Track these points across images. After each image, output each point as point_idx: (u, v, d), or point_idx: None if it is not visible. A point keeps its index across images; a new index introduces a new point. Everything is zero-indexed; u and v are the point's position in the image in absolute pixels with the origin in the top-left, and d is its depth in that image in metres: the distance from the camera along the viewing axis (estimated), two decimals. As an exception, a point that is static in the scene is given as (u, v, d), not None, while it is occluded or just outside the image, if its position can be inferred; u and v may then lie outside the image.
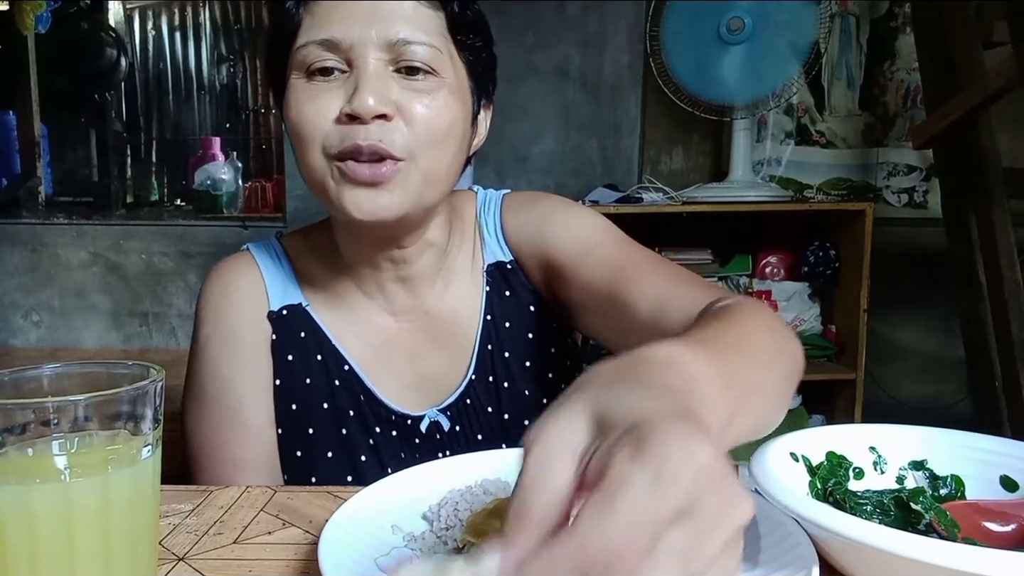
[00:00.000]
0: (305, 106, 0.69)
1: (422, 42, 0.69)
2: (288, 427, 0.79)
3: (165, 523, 0.58)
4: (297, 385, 0.80)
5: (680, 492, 0.30)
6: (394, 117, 0.68)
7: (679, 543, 0.29)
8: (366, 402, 0.80)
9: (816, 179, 2.44)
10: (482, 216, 0.87)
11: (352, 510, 0.53)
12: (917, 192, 2.43)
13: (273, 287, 0.82)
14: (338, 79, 0.69)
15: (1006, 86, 1.58)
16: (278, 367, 0.80)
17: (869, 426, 0.62)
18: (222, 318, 0.81)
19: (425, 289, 0.82)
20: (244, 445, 0.77)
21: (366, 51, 0.68)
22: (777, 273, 2.33)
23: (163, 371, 0.44)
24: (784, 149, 2.43)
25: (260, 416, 0.79)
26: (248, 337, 0.80)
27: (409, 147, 0.69)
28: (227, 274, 0.83)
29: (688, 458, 0.31)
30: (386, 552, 0.51)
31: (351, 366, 0.80)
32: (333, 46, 0.68)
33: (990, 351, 1.82)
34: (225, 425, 0.77)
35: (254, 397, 0.79)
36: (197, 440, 0.78)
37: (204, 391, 0.79)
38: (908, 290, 2.39)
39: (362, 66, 0.68)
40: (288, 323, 0.81)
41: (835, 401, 2.26)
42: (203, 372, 0.79)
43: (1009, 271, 1.74)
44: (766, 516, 0.51)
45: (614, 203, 2.14)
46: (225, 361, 0.79)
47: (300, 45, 0.69)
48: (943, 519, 0.53)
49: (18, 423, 0.40)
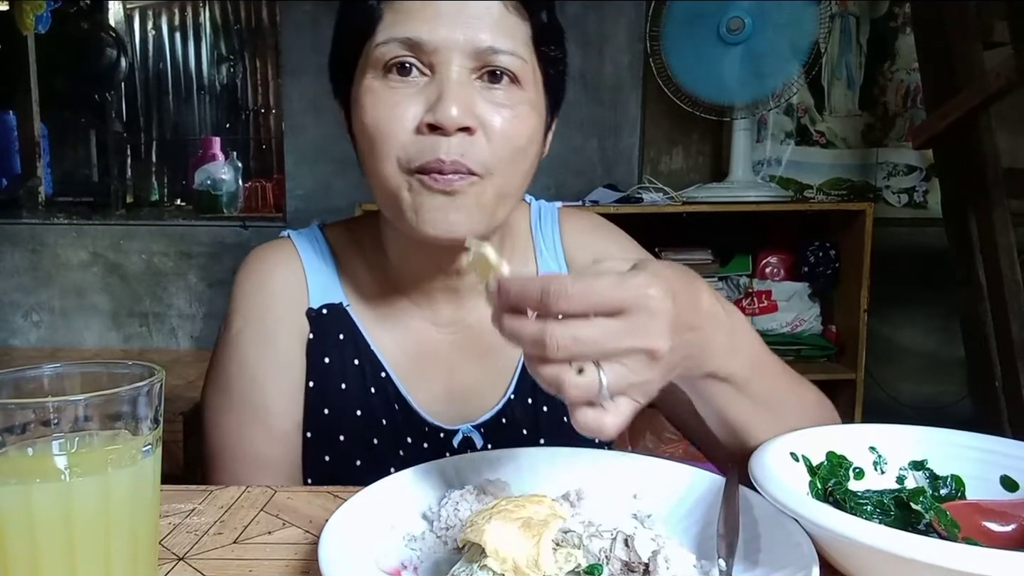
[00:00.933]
0: (381, 112, 0.66)
1: (508, 51, 0.66)
2: (318, 432, 0.77)
3: (165, 523, 0.58)
4: (332, 389, 0.77)
5: (622, 298, 0.46)
6: (476, 130, 0.65)
7: (597, 329, 0.45)
8: (400, 411, 0.77)
9: (816, 179, 2.44)
10: (537, 229, 0.85)
11: (352, 510, 0.53)
12: (917, 192, 2.43)
13: (315, 283, 0.79)
14: (417, 82, 0.66)
15: (1006, 86, 1.58)
16: (313, 368, 0.77)
17: (869, 426, 0.62)
18: (257, 312, 0.77)
19: (471, 301, 0.79)
20: (268, 444, 0.75)
21: (451, 56, 0.65)
22: (777, 273, 2.33)
23: (163, 371, 0.44)
24: (784, 149, 2.43)
25: (287, 419, 0.76)
26: (283, 335, 0.77)
27: (487, 163, 0.66)
28: (266, 264, 0.79)
29: (646, 285, 0.47)
30: (386, 552, 0.51)
31: (388, 373, 0.77)
32: (416, 46, 0.65)
33: (990, 351, 1.82)
34: (250, 424, 0.75)
35: (283, 399, 0.76)
36: (219, 435, 0.76)
37: (231, 386, 0.76)
38: (908, 290, 2.39)
39: (446, 72, 0.65)
40: (327, 323, 0.77)
41: (835, 401, 2.23)
42: (232, 366, 0.76)
43: (1009, 271, 1.74)
44: (766, 516, 0.51)
45: (614, 203, 2.14)
46: (256, 358, 0.76)
47: (380, 42, 0.66)
48: (943, 519, 0.53)
49: (18, 423, 0.40)
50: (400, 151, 0.65)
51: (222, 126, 3.83)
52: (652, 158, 2.44)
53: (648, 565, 0.47)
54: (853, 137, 2.43)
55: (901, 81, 2.39)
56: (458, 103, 0.64)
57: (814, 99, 2.41)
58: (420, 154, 0.65)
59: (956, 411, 2.28)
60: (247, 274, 0.79)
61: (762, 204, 2.12)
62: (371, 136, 0.66)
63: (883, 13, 2.39)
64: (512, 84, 0.67)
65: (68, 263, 2.52)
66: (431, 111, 0.64)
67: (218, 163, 3.00)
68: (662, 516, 0.57)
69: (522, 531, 0.44)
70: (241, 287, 0.79)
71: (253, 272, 0.79)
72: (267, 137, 3.71)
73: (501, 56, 0.66)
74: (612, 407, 0.47)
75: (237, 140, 3.66)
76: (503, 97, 0.67)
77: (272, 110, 3.66)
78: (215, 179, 2.85)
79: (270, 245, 0.81)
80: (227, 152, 3.18)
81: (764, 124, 2.40)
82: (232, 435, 0.75)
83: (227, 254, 2.48)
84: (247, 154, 3.60)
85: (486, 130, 0.66)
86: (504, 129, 0.66)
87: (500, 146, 0.66)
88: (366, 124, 0.67)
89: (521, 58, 0.67)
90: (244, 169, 3.15)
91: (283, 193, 2.47)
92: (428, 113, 0.64)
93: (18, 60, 2.87)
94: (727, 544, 0.48)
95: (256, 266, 0.79)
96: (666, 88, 2.16)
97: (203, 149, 3.17)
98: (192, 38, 3.81)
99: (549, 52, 0.71)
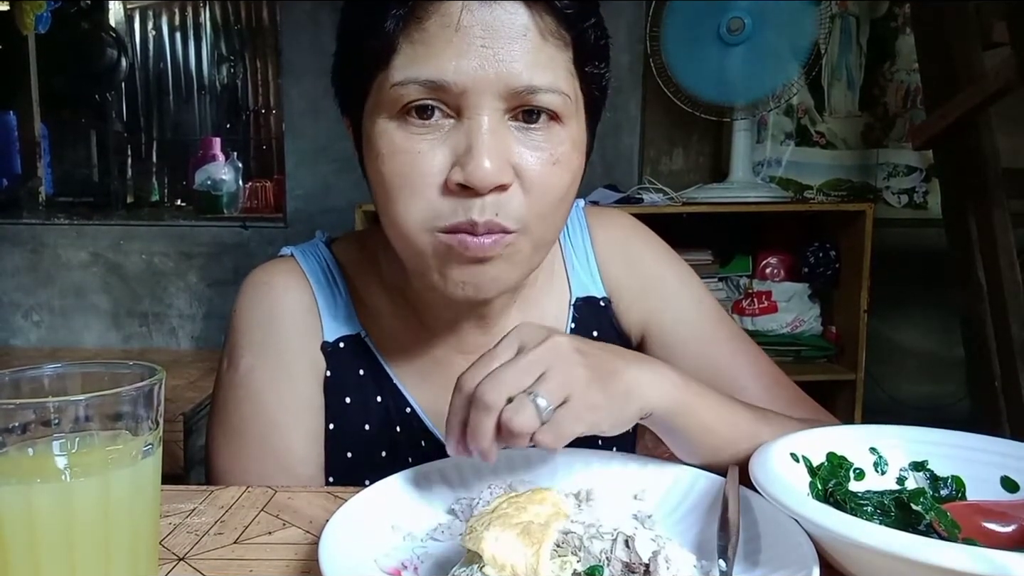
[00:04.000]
0: (402, 164, 0.57)
1: (548, 87, 0.57)
2: (341, 476, 0.71)
3: (165, 523, 0.58)
4: (354, 431, 0.71)
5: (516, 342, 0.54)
6: (511, 184, 0.58)
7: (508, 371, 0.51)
8: (426, 448, 0.71)
9: (816, 180, 2.44)
10: (566, 239, 0.79)
11: (352, 510, 0.53)
12: (917, 193, 2.43)
13: (327, 312, 0.71)
14: (441, 125, 0.57)
15: (1006, 86, 1.58)
16: (332, 409, 0.71)
17: (869, 426, 0.62)
18: (271, 347, 0.69)
19: (499, 325, 0.73)
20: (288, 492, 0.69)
21: (480, 99, 0.55)
22: (777, 274, 2.33)
23: (163, 371, 0.44)
24: (784, 150, 2.43)
25: (311, 464, 0.70)
26: (301, 372, 0.70)
27: (524, 218, 0.59)
28: (274, 290, 0.71)
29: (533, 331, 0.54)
30: (386, 552, 0.51)
31: (413, 409, 0.71)
32: (440, 89, 0.55)
33: (989, 351, 1.81)
34: (272, 472, 0.68)
35: (306, 443, 0.69)
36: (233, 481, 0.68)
37: (246, 430, 0.69)
38: (908, 290, 2.39)
39: (476, 118, 0.56)
40: (345, 358, 0.71)
41: (835, 401, 2.26)
42: (244, 407, 0.69)
43: (1009, 271, 1.74)
44: (766, 516, 0.51)
45: (614, 204, 2.14)
46: (273, 397, 0.69)
47: (397, 82, 0.56)
48: (943, 520, 0.53)
49: (18, 423, 0.40)
50: (426, 210, 0.58)
51: (222, 126, 3.82)
52: (652, 158, 2.44)
53: (648, 566, 0.47)
54: (853, 138, 2.43)
55: (901, 81, 2.39)
56: (491, 156, 0.55)
57: (814, 100, 2.41)
58: (450, 214, 0.57)
59: (956, 411, 2.28)
60: (251, 302, 0.71)
61: (762, 205, 2.12)
62: (390, 190, 0.59)
63: (883, 13, 2.38)
64: (552, 121, 0.59)
65: (68, 263, 2.51)
66: (460, 167, 0.56)
67: (218, 163, 3.00)
68: (662, 516, 0.57)
69: (521, 538, 0.43)
70: (246, 317, 0.71)
71: (259, 300, 0.71)
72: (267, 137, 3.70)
73: (540, 95, 0.57)
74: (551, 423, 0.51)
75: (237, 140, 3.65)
76: (541, 139, 0.59)
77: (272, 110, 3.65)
78: (215, 179, 2.85)
79: (272, 267, 0.73)
80: (227, 152, 3.18)
81: (764, 125, 2.40)
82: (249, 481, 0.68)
83: (227, 254, 2.48)
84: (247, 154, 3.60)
85: (523, 181, 0.58)
86: (543, 180, 0.58)
87: (538, 199, 0.59)
88: (384, 175, 0.58)
89: (564, 93, 0.58)
90: (244, 169, 3.15)
91: (283, 193, 2.47)
92: (456, 169, 0.56)
93: (18, 60, 2.87)
94: (727, 544, 0.48)
95: (262, 294, 0.71)
96: (666, 88, 2.16)
97: (203, 149, 3.17)
98: (192, 38, 3.81)
99: (594, 70, 0.62)
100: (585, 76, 0.61)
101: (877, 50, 2.39)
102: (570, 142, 0.60)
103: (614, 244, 0.80)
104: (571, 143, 0.61)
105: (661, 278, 0.81)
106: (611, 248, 0.80)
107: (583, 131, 0.63)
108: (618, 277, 0.80)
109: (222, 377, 0.71)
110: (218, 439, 0.71)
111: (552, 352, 0.52)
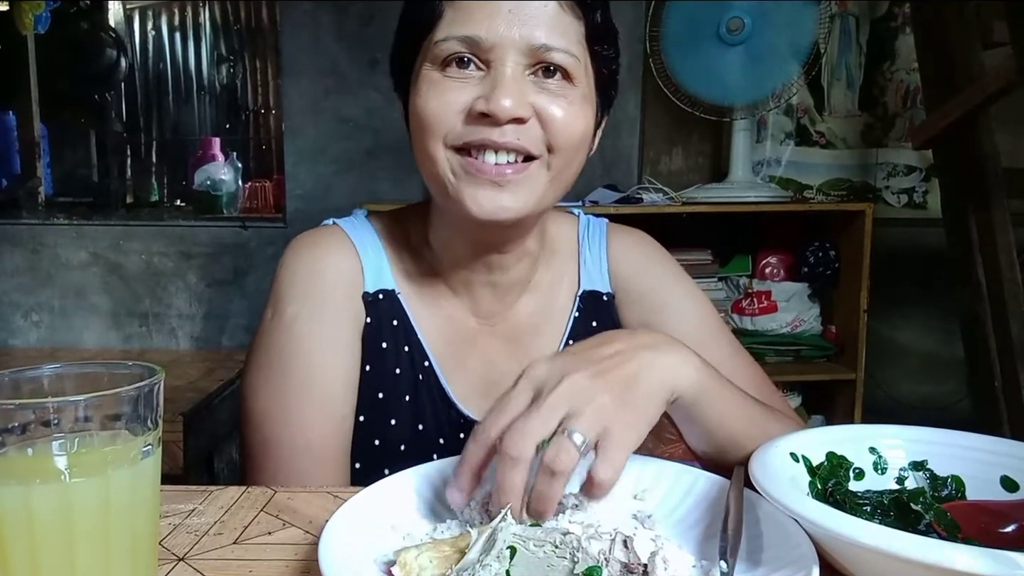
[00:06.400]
0: (434, 98, 0.68)
1: (562, 48, 0.68)
2: (371, 415, 0.77)
3: (165, 523, 0.58)
4: (387, 374, 0.78)
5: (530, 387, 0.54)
6: (529, 119, 0.68)
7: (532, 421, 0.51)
8: (440, 401, 0.79)
9: (816, 179, 2.44)
10: (585, 240, 0.88)
11: (352, 510, 0.53)
12: (917, 192, 2.43)
13: (369, 268, 0.79)
14: (473, 75, 0.68)
15: (1006, 86, 1.58)
16: (369, 353, 0.78)
17: (869, 426, 0.62)
18: (315, 296, 0.76)
19: (511, 296, 0.82)
20: (326, 435, 0.74)
21: (506, 53, 0.67)
22: (777, 273, 2.33)
23: (163, 371, 0.44)
24: (784, 149, 2.43)
25: (347, 405, 0.76)
26: (344, 319, 0.77)
27: (544, 146, 0.69)
28: (319, 248, 0.79)
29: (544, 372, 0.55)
30: (386, 552, 0.51)
31: (431, 362, 0.79)
32: (474, 44, 0.67)
33: (989, 351, 1.82)
34: (309, 410, 0.73)
35: (344, 385, 0.76)
36: (271, 422, 0.73)
37: (288, 372, 0.74)
38: (908, 290, 2.39)
39: (500, 68, 0.67)
40: (382, 309, 0.79)
41: (835, 401, 2.26)
42: (287, 352, 0.74)
43: (1008, 271, 1.74)
44: (766, 516, 0.51)
45: (614, 203, 2.14)
46: (317, 343, 0.75)
47: (440, 39, 0.68)
48: (943, 520, 0.53)
49: (18, 423, 0.40)
50: (448, 132, 0.68)
51: (222, 126, 3.83)
52: (652, 158, 2.44)
53: (647, 566, 0.47)
54: (853, 137, 2.43)
55: (901, 81, 2.40)
56: (511, 95, 0.66)
57: (814, 99, 2.41)
58: (469, 133, 0.67)
59: (956, 411, 2.28)
60: (298, 258, 0.79)
61: (762, 204, 2.12)
62: (421, 119, 0.69)
63: (883, 13, 2.39)
64: (565, 80, 0.69)
65: (68, 263, 2.51)
66: (483, 99, 0.66)
67: (218, 163, 3.00)
68: (662, 517, 0.57)
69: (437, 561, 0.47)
70: (292, 271, 0.78)
71: (305, 256, 0.79)
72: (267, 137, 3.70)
73: (555, 53, 0.68)
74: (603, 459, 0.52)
75: (237, 140, 3.66)
76: (556, 88, 0.69)
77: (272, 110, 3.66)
78: (215, 179, 2.85)
79: (318, 231, 0.82)
80: (227, 152, 3.18)
81: (764, 124, 2.40)
82: (291, 424, 0.73)
83: (227, 254, 2.49)
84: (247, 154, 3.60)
85: (541, 118, 0.68)
86: (560, 116, 0.68)
87: (557, 132, 0.68)
88: (418, 108, 0.69)
89: (574, 56, 0.69)
90: (244, 169, 3.15)
91: (283, 193, 2.47)
92: (481, 100, 0.66)
93: (18, 60, 2.87)
94: (730, 545, 0.48)
95: (308, 250, 0.79)
96: (666, 88, 2.16)
97: (203, 149, 3.17)
98: (192, 38, 3.81)
99: (602, 51, 0.73)
100: (595, 54, 0.72)
101: (877, 50, 2.39)
102: (581, 97, 0.70)
103: (627, 250, 0.88)
104: (582, 98, 0.70)
105: (667, 285, 0.87)
106: (624, 253, 0.88)
107: (593, 97, 0.73)
108: (626, 277, 0.87)
109: (265, 325, 0.77)
110: (258, 383, 0.76)
111: (571, 390, 0.53)
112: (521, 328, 0.83)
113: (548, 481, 0.50)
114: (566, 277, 0.86)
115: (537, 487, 0.50)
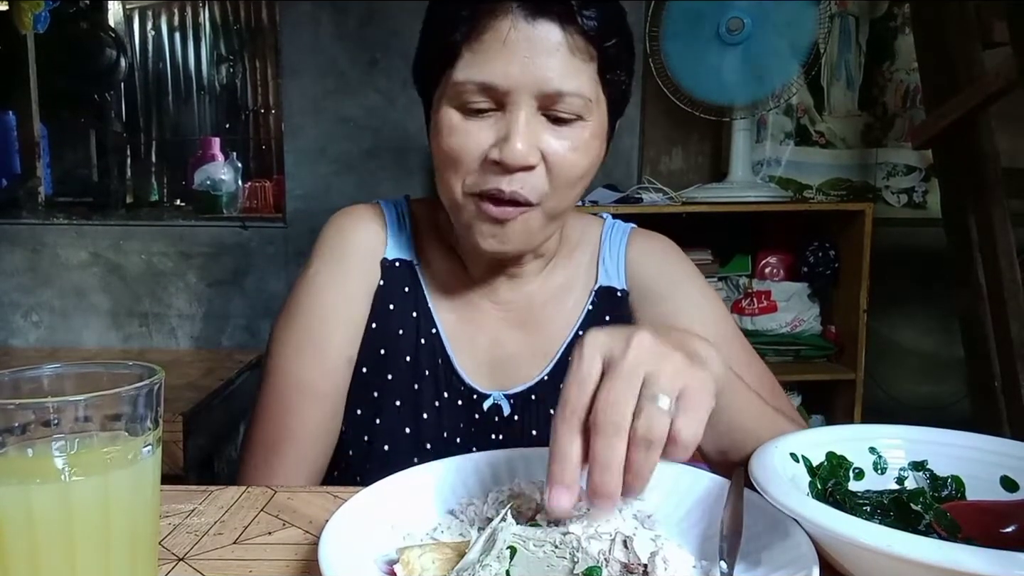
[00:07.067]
0: (456, 143, 0.73)
1: (574, 92, 0.71)
2: (372, 368, 0.84)
3: (165, 523, 0.58)
4: (390, 332, 0.84)
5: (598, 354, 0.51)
6: (537, 165, 0.72)
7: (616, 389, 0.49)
8: (442, 367, 0.84)
9: (816, 179, 2.44)
10: (607, 240, 0.92)
11: (352, 510, 0.53)
12: (916, 192, 2.43)
13: (392, 239, 0.87)
14: (488, 116, 0.72)
15: (1006, 86, 1.58)
16: (377, 312, 0.85)
17: (869, 426, 0.62)
18: (335, 255, 0.85)
19: (529, 285, 0.87)
20: (321, 376, 0.81)
21: (520, 98, 0.70)
22: (777, 273, 2.33)
23: (163, 371, 0.44)
24: (784, 149, 2.43)
25: (343, 352, 0.83)
26: (356, 276, 0.85)
27: (543, 194, 0.73)
28: (351, 218, 0.88)
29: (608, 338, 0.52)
30: (386, 552, 0.51)
31: (438, 330, 0.85)
32: (490, 88, 0.71)
33: (989, 351, 1.82)
34: (309, 353, 0.81)
35: (341, 334, 0.83)
36: (277, 361, 0.82)
37: (297, 319, 0.83)
38: (908, 290, 2.39)
39: (515, 112, 0.71)
40: (397, 275, 0.86)
41: (835, 401, 2.26)
42: (302, 302, 0.83)
43: (1008, 271, 1.74)
44: (766, 516, 0.51)
45: (614, 203, 2.14)
46: (329, 296, 0.83)
47: (458, 81, 0.72)
48: (943, 520, 0.53)
49: (18, 423, 0.40)
50: (467, 177, 0.74)
51: (222, 126, 3.83)
52: (651, 158, 2.44)
53: (646, 566, 0.47)
54: (853, 137, 2.43)
55: (901, 81, 2.40)
56: (523, 141, 0.70)
57: (813, 99, 2.41)
58: (484, 182, 0.72)
59: (956, 411, 2.28)
60: (333, 227, 0.88)
61: (762, 204, 2.12)
62: (444, 161, 0.75)
63: (883, 13, 2.39)
64: (577, 119, 0.73)
65: (68, 263, 2.51)
66: (498, 147, 0.71)
67: (218, 163, 2.99)
68: (662, 517, 0.57)
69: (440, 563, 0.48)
70: (324, 238, 0.87)
71: (338, 225, 0.87)
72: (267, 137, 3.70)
73: (567, 98, 0.71)
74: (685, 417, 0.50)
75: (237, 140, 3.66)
76: (568, 132, 0.73)
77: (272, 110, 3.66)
78: (215, 179, 2.84)
79: (357, 206, 0.90)
80: (227, 152, 3.18)
81: (764, 124, 2.40)
82: (289, 360, 0.82)
83: (227, 254, 2.48)
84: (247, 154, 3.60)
85: (548, 162, 0.72)
86: (565, 160, 0.73)
87: (558, 176, 0.73)
88: (442, 149, 0.74)
89: (586, 98, 0.72)
90: (244, 169, 3.15)
91: (283, 193, 2.47)
92: (495, 149, 0.71)
93: (18, 60, 2.87)
94: (730, 545, 0.48)
95: (342, 220, 0.88)
96: (666, 88, 2.16)
97: (203, 149, 3.16)
98: (192, 38, 3.81)
99: (615, 78, 0.76)
100: (607, 81, 0.75)
101: (877, 50, 2.39)
102: (590, 134, 0.74)
103: (645, 252, 0.92)
104: (591, 134, 0.74)
105: (685, 289, 0.89)
106: (642, 254, 0.92)
107: (604, 125, 0.78)
108: (642, 276, 0.90)
109: (295, 285, 0.86)
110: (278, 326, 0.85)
111: (643, 351, 0.51)
112: (534, 315, 0.87)
113: (645, 453, 0.48)
114: (584, 272, 0.90)
115: (635, 461, 0.48)
